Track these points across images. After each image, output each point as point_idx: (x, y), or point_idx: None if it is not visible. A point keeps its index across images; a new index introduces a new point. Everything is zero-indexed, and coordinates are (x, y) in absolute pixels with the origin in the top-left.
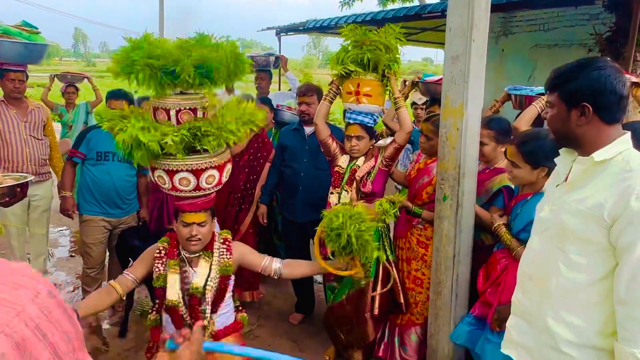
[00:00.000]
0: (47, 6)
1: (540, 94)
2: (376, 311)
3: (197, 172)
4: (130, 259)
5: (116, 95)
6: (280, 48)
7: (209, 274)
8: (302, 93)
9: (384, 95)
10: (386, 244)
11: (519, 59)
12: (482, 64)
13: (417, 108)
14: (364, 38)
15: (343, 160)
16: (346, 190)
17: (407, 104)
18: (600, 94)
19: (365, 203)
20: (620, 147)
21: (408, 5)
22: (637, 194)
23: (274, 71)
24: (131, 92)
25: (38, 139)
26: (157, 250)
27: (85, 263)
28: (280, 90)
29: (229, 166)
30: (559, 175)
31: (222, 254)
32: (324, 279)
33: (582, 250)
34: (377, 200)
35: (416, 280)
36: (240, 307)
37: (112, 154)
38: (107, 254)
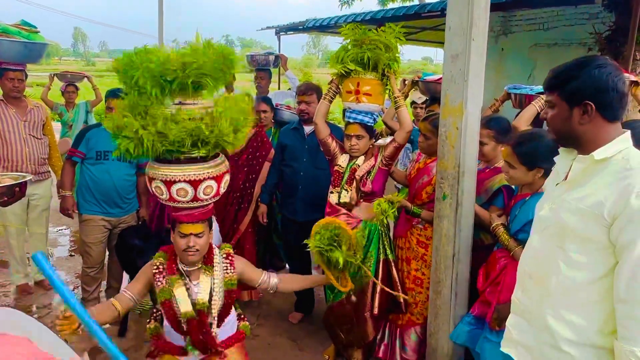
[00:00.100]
0: (47, 5)
1: (540, 93)
2: (376, 310)
3: (195, 183)
4: (130, 258)
5: (115, 95)
6: (279, 47)
7: (212, 288)
8: (302, 92)
9: (383, 94)
10: (386, 244)
11: (519, 58)
12: (482, 62)
13: (416, 107)
14: (364, 37)
15: (343, 160)
16: (346, 190)
17: (406, 103)
18: (603, 91)
19: (365, 202)
20: (621, 146)
21: (408, 4)
22: (637, 192)
23: (274, 70)
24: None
25: (37, 138)
26: (155, 267)
27: (85, 262)
28: (279, 89)
29: (227, 177)
30: (558, 174)
31: (225, 268)
32: None
33: (582, 248)
34: (377, 199)
35: (416, 280)
36: (243, 316)
37: (111, 153)
38: (107, 253)
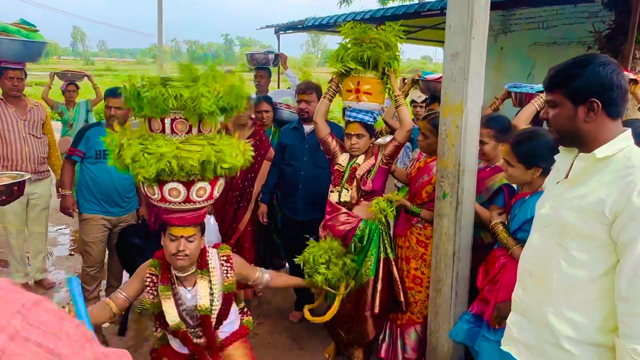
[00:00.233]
0: (46, 5)
1: (540, 92)
2: (376, 309)
3: (188, 184)
4: (130, 257)
5: (115, 94)
6: (279, 46)
7: (212, 291)
8: (302, 91)
9: (384, 93)
10: (386, 243)
11: (518, 57)
12: (482, 61)
13: (416, 106)
14: (364, 36)
15: (343, 159)
16: (346, 189)
17: (406, 102)
18: (608, 89)
19: (365, 201)
20: (622, 144)
21: (407, 3)
22: (639, 190)
23: (273, 69)
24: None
25: (37, 137)
26: (146, 276)
27: (85, 262)
28: (279, 88)
29: (222, 181)
30: (559, 173)
31: (225, 272)
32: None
33: (583, 246)
34: (375, 198)
35: (416, 279)
36: (245, 310)
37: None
38: (107, 252)
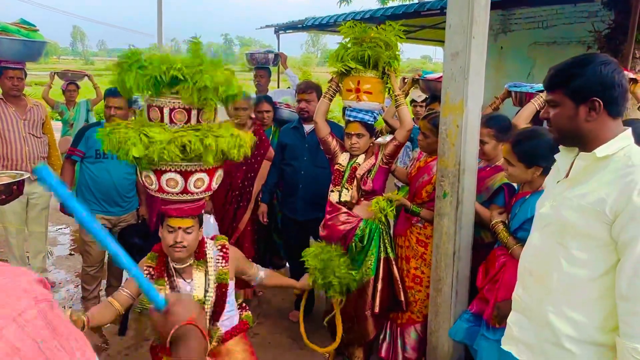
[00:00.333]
0: (46, 5)
1: (540, 91)
2: (377, 309)
3: (186, 174)
4: (131, 257)
5: (114, 93)
6: (279, 46)
7: (207, 283)
8: (302, 90)
9: (384, 92)
10: (387, 242)
11: (518, 57)
12: (482, 60)
13: (416, 105)
14: (364, 35)
15: (343, 158)
16: (347, 189)
17: (406, 102)
18: (609, 88)
19: (366, 201)
20: (622, 143)
21: (407, 3)
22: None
23: (273, 69)
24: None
25: (37, 136)
26: (144, 269)
27: (85, 261)
28: (279, 87)
29: (220, 172)
30: (559, 172)
31: (218, 261)
32: None
33: (583, 245)
34: (375, 197)
35: (415, 278)
36: (244, 305)
37: (110, 152)
38: (107, 252)
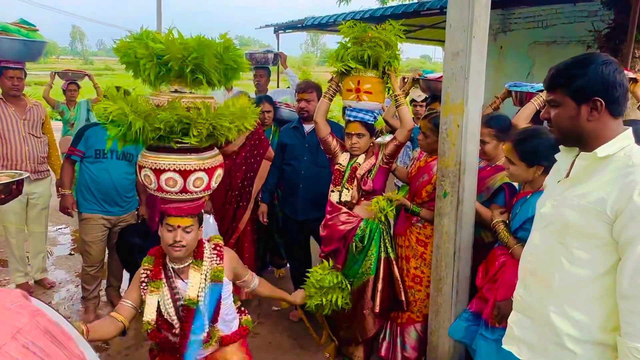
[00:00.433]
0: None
1: (540, 91)
2: (377, 309)
3: (185, 173)
4: (131, 257)
5: None
6: (278, 45)
7: (202, 283)
8: (302, 90)
9: (384, 92)
10: (387, 242)
11: (518, 56)
12: (483, 60)
13: (416, 105)
14: (364, 35)
15: (343, 158)
16: (347, 189)
17: (406, 101)
18: (611, 87)
19: (366, 201)
20: (623, 143)
21: (407, 2)
22: None
23: (273, 68)
24: (129, 90)
25: (36, 136)
26: (141, 275)
27: (85, 261)
28: (279, 87)
29: (220, 171)
30: (559, 172)
31: (212, 259)
32: None
33: (584, 245)
34: (375, 197)
35: (415, 278)
36: (243, 309)
37: (110, 152)
38: (107, 252)
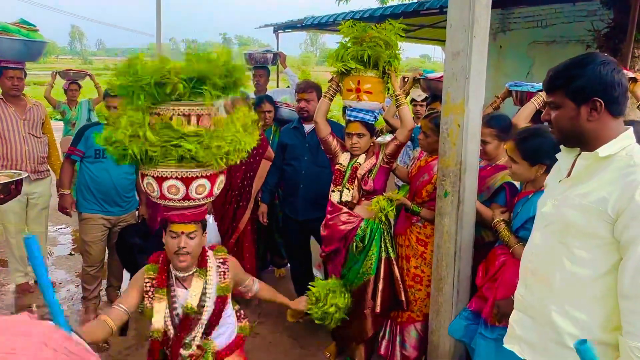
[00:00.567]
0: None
1: (540, 90)
2: (378, 309)
3: (187, 181)
4: (131, 257)
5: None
6: (277, 45)
7: (205, 292)
8: (302, 90)
9: (384, 92)
10: (387, 242)
11: (517, 56)
12: (483, 60)
13: (416, 105)
14: (364, 34)
15: (344, 158)
16: (348, 189)
17: (406, 101)
18: (610, 87)
19: (367, 201)
20: (624, 142)
21: (406, 2)
22: None
23: (272, 68)
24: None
25: (36, 136)
26: (145, 282)
27: (85, 261)
28: (278, 87)
29: (222, 178)
30: (560, 171)
31: (221, 274)
32: (325, 276)
33: (586, 244)
34: (376, 197)
35: (415, 277)
36: (240, 314)
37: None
38: (107, 252)
